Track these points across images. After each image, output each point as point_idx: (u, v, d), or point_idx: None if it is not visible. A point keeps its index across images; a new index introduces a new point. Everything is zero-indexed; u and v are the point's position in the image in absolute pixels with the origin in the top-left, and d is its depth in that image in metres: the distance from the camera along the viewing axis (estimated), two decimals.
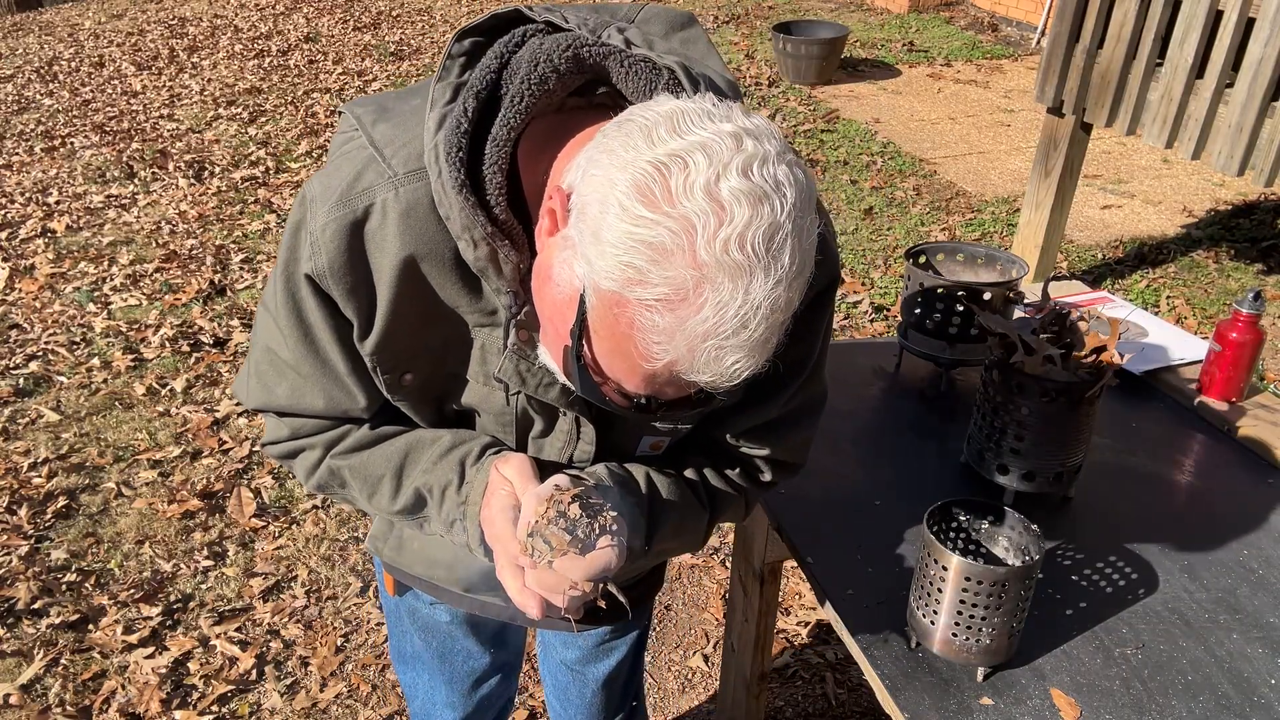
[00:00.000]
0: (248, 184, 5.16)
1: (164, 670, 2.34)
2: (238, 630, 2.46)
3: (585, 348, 0.77)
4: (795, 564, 1.41)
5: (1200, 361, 1.72)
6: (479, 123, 0.84)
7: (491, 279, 0.88)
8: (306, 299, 0.92)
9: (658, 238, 0.68)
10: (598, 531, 0.84)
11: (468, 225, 0.84)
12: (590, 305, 0.74)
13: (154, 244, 4.50)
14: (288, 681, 2.33)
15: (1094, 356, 1.37)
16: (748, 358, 0.72)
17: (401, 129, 0.90)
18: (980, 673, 1.17)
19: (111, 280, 4.15)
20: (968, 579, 1.11)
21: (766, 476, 1.13)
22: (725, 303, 0.69)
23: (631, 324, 0.72)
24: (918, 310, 1.67)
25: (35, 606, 2.50)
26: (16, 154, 5.65)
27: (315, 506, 2.87)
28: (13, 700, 2.24)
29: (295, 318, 0.94)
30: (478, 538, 0.96)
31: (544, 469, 0.95)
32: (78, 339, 3.73)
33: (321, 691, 2.29)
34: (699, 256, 0.68)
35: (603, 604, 0.88)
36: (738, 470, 1.11)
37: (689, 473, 1.08)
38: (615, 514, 0.87)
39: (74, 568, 2.63)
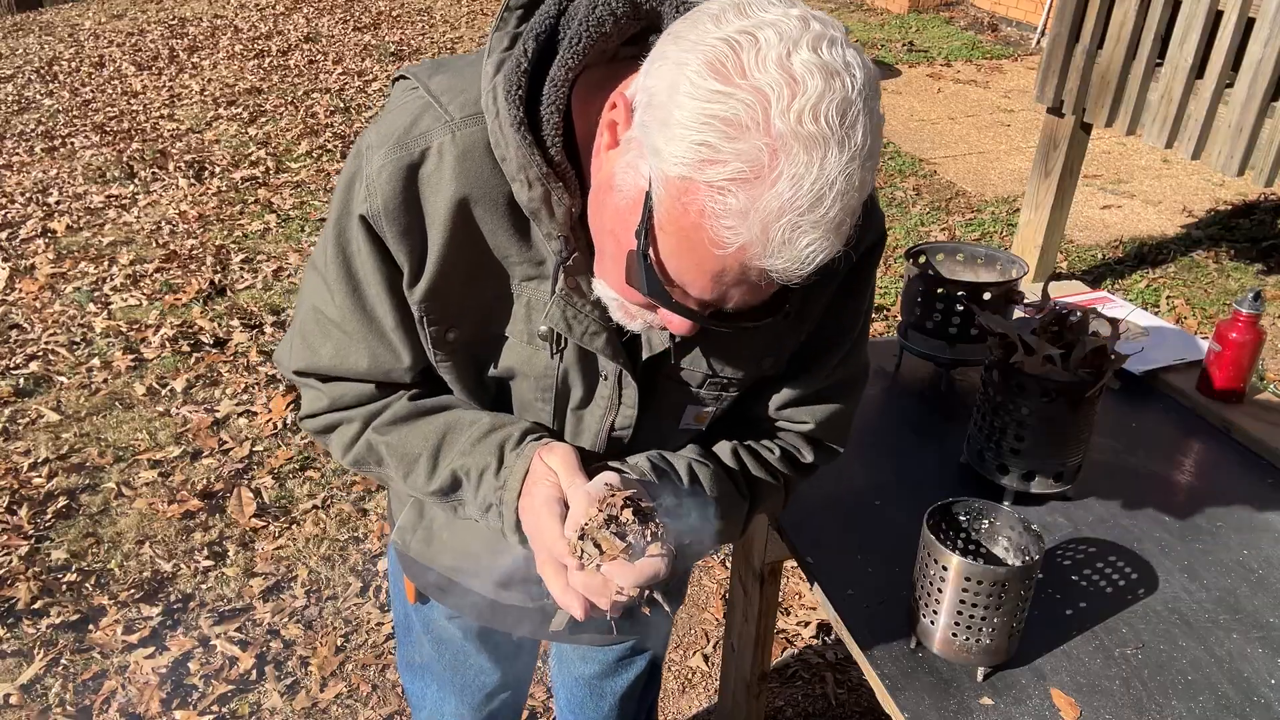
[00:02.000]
0: (248, 184, 5.17)
1: (164, 670, 2.34)
2: (238, 630, 2.46)
3: (652, 249, 0.77)
4: (795, 564, 1.41)
5: (1200, 361, 1.72)
6: (536, 66, 0.85)
7: (544, 222, 0.88)
8: (359, 248, 0.92)
9: (732, 111, 0.68)
10: (648, 539, 0.82)
11: (523, 165, 0.84)
12: (658, 200, 0.74)
13: (154, 244, 4.50)
14: (288, 681, 2.33)
15: (1094, 356, 1.37)
16: (823, 239, 0.71)
17: (458, 79, 0.91)
18: (980, 673, 1.17)
19: (111, 280, 4.15)
20: (968, 579, 1.10)
21: (808, 457, 1.12)
22: (800, 175, 0.68)
23: (702, 211, 0.71)
24: (918, 310, 1.67)
25: (35, 606, 2.50)
26: (17, 154, 5.65)
27: (315, 506, 2.87)
28: (13, 700, 2.24)
29: (344, 272, 0.94)
30: (513, 524, 0.95)
31: (587, 462, 0.94)
32: (78, 339, 3.73)
33: (321, 691, 2.29)
34: (774, 127, 0.67)
35: (646, 610, 0.86)
36: (778, 455, 1.09)
37: (729, 461, 1.06)
38: (666, 520, 0.85)
39: (74, 568, 2.63)
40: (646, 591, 0.84)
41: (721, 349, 0.99)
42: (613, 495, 0.83)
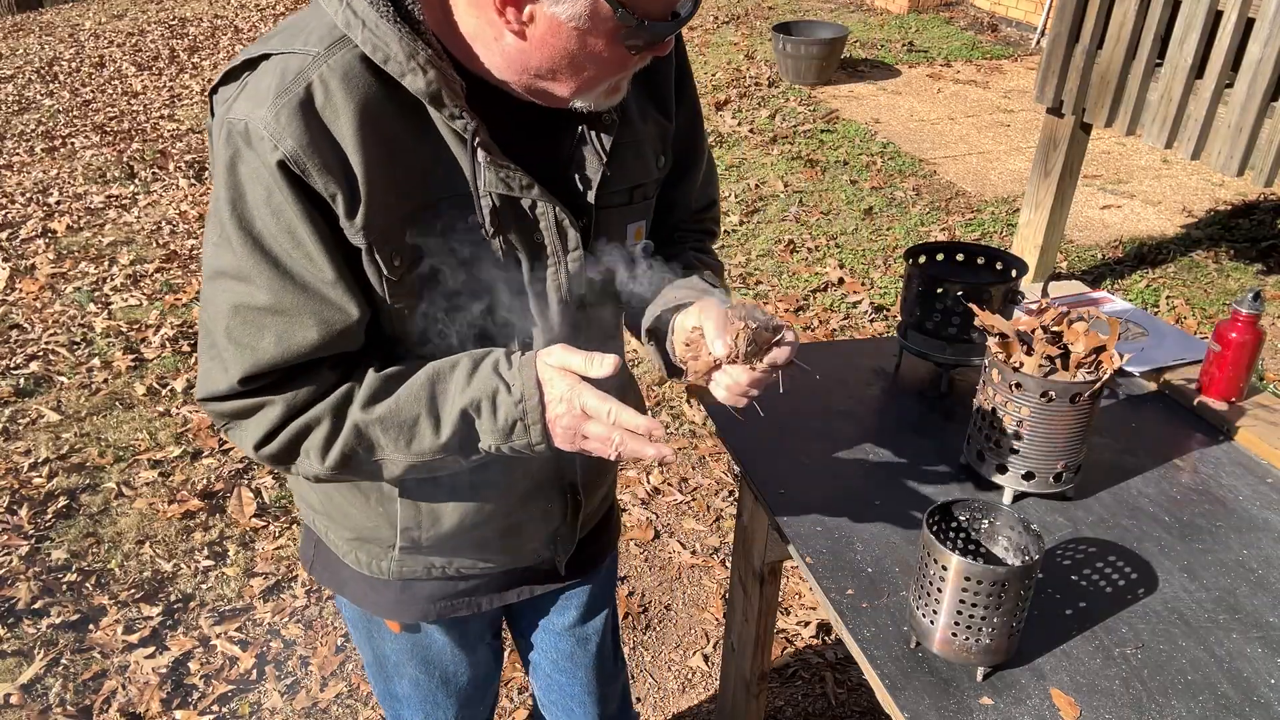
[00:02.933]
0: None
1: (164, 670, 2.34)
2: (238, 630, 2.46)
3: (636, 14, 0.86)
4: (795, 564, 1.41)
5: (1200, 361, 1.72)
6: None
7: (445, 103, 0.91)
8: (278, 209, 0.90)
9: None
10: (783, 324, 1.03)
11: (411, 52, 0.88)
12: None
13: (154, 244, 4.50)
14: (288, 681, 2.33)
15: (1094, 356, 1.37)
16: None
17: (294, 31, 0.93)
18: (980, 673, 1.17)
19: (112, 280, 4.15)
20: (968, 579, 1.11)
21: (719, 230, 1.38)
22: None
23: None
24: (918, 310, 1.67)
25: (36, 606, 2.50)
26: (17, 154, 5.65)
27: None
28: (13, 700, 2.24)
29: (259, 254, 0.92)
30: (540, 432, 0.97)
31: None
32: (78, 339, 3.73)
33: (322, 691, 2.30)
34: None
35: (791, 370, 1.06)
36: (706, 244, 1.33)
37: (700, 270, 1.23)
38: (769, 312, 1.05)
39: (74, 568, 2.63)
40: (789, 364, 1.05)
41: (630, 160, 1.10)
42: (744, 307, 1.01)
